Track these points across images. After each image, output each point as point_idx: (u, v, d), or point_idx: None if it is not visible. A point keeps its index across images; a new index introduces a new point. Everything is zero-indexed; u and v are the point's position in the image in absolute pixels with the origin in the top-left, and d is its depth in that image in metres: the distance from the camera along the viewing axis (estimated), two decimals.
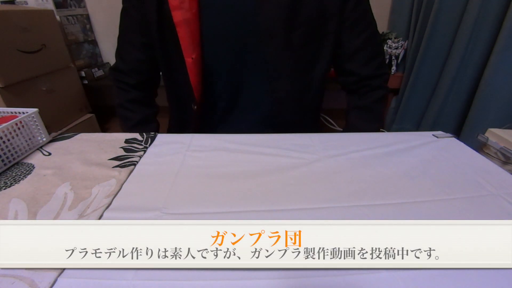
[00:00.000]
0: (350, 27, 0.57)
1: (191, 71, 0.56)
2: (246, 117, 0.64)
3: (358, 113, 0.66)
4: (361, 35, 0.58)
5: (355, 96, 0.65)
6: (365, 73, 0.61)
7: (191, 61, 0.55)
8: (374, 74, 0.62)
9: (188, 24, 0.53)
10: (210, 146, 0.49)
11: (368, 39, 0.59)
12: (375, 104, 0.64)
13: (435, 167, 0.43)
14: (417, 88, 1.45)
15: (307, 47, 0.57)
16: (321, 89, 0.66)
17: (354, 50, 0.59)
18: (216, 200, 0.36)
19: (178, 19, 0.52)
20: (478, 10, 1.13)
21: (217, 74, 0.60)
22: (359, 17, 0.57)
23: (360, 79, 0.62)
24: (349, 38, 0.58)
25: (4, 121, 0.43)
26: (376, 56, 0.62)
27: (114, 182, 0.39)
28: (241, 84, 0.61)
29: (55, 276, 0.26)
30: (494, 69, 1.11)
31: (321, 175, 0.41)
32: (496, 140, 0.59)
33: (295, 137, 0.52)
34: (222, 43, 0.57)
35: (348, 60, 0.61)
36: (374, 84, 0.62)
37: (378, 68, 0.62)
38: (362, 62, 0.61)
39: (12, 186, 0.39)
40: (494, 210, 0.34)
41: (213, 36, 0.56)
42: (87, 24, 1.66)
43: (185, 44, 0.54)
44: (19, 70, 1.17)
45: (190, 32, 0.53)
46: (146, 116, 0.67)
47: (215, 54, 0.58)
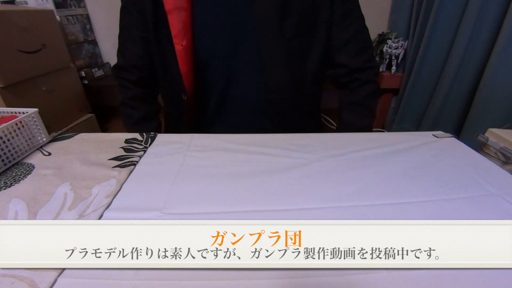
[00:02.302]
0: (339, 20, 0.58)
1: (181, 58, 0.57)
2: (239, 108, 0.64)
3: (351, 108, 0.66)
4: (349, 28, 0.59)
5: (346, 91, 0.66)
6: (355, 65, 0.62)
7: (181, 48, 0.56)
8: (363, 66, 0.63)
9: (179, 11, 0.54)
10: (210, 146, 0.49)
11: (356, 32, 0.60)
12: (367, 99, 0.65)
13: (435, 167, 0.43)
14: (417, 88, 1.45)
15: (300, 37, 0.58)
16: (316, 82, 0.66)
17: (343, 42, 0.60)
18: (216, 200, 0.36)
19: (170, 7, 0.53)
20: (478, 10, 1.13)
21: (209, 63, 0.60)
22: (347, 10, 0.58)
23: (350, 71, 0.63)
24: (338, 30, 0.59)
25: (4, 121, 0.43)
26: (366, 49, 0.63)
27: (114, 182, 0.39)
28: (234, 74, 0.61)
29: (55, 276, 0.26)
30: (494, 69, 1.11)
31: (321, 175, 0.41)
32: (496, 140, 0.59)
33: (295, 137, 0.52)
34: (214, 32, 0.57)
35: (338, 52, 0.62)
36: (364, 78, 0.63)
37: (367, 61, 0.63)
38: (352, 54, 0.62)
39: (12, 186, 0.39)
40: (494, 210, 0.34)
41: (205, 25, 0.57)
42: (87, 24, 1.66)
43: (175, 30, 0.55)
44: (19, 70, 1.17)
45: (181, 19, 0.54)
46: (148, 113, 0.68)
47: (207, 43, 0.58)
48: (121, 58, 0.66)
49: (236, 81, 0.61)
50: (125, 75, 0.65)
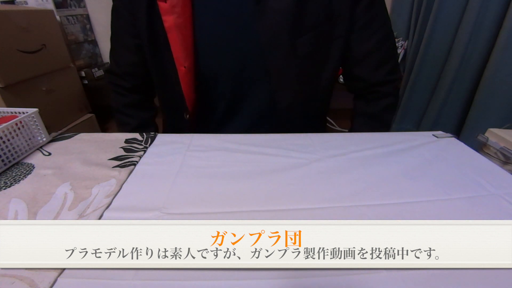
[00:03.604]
0: (361, 29, 0.52)
1: (184, 80, 0.53)
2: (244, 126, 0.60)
3: (365, 120, 0.61)
4: (372, 38, 0.53)
5: (362, 101, 0.61)
6: (375, 80, 0.57)
7: (184, 70, 0.52)
8: (384, 80, 0.57)
9: (180, 30, 0.49)
10: (210, 146, 0.49)
11: (380, 41, 0.54)
12: (383, 112, 0.60)
13: (435, 167, 0.43)
14: (417, 88, 1.46)
15: (314, 54, 0.53)
16: (328, 97, 0.62)
17: (364, 54, 0.55)
18: (216, 200, 0.36)
19: (169, 24, 0.49)
20: (478, 10, 1.13)
21: (213, 84, 0.56)
22: (372, 18, 0.52)
23: (369, 85, 0.58)
24: (359, 41, 0.53)
25: (4, 121, 0.43)
26: (388, 61, 0.56)
27: (114, 182, 0.39)
28: (239, 94, 0.57)
29: (55, 276, 0.26)
30: (494, 69, 1.12)
31: (321, 175, 0.41)
32: (496, 140, 0.59)
33: (295, 137, 0.52)
34: (217, 52, 0.53)
35: (357, 65, 0.56)
36: (384, 90, 0.58)
37: (389, 74, 0.57)
38: (372, 67, 0.56)
39: (12, 186, 0.39)
40: (494, 210, 0.34)
41: (207, 44, 0.52)
42: (87, 24, 1.66)
43: (177, 52, 0.51)
44: (19, 70, 1.17)
45: (183, 38, 0.50)
46: (144, 120, 0.65)
47: (210, 64, 0.54)
48: (114, 64, 0.62)
49: (241, 100, 0.57)
50: (119, 81, 0.62)
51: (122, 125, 0.65)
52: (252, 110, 0.59)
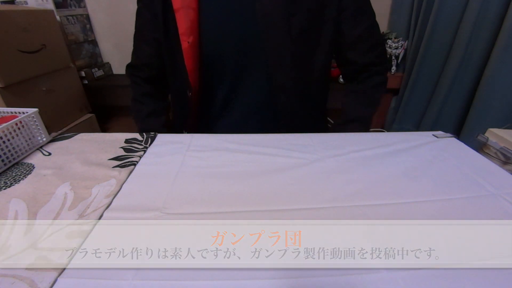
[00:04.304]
0: (350, 17, 0.58)
1: (187, 55, 0.58)
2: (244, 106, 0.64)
3: (354, 95, 0.66)
4: (361, 25, 0.59)
5: (354, 82, 0.67)
6: (367, 61, 0.63)
7: (188, 45, 0.57)
8: (375, 61, 0.63)
9: (186, 9, 0.56)
10: (210, 146, 0.49)
11: (368, 28, 0.60)
12: (372, 89, 0.65)
13: (435, 167, 0.43)
14: (417, 88, 1.46)
15: (307, 34, 0.58)
16: (323, 81, 0.66)
17: (354, 39, 0.60)
18: (216, 200, 0.36)
19: (177, 6, 0.55)
20: (478, 10, 1.13)
21: (215, 61, 0.60)
22: (359, 7, 0.58)
23: (361, 67, 0.63)
24: (349, 27, 0.59)
25: (4, 121, 0.43)
26: (377, 46, 0.63)
27: (114, 182, 0.39)
28: (240, 72, 0.61)
29: (55, 276, 0.26)
30: (494, 69, 1.12)
31: (321, 175, 0.41)
32: (496, 140, 0.59)
33: (295, 137, 0.52)
34: (221, 30, 0.58)
35: (349, 49, 0.62)
36: (374, 70, 0.64)
37: (378, 56, 0.63)
38: (363, 51, 0.62)
39: (12, 186, 0.39)
40: (494, 210, 0.34)
41: (212, 23, 0.58)
42: (87, 24, 1.66)
43: (182, 28, 0.56)
44: (19, 70, 1.17)
45: (188, 17, 0.56)
46: (156, 108, 0.70)
47: (214, 41, 0.59)
48: (134, 57, 0.69)
49: (242, 79, 0.62)
50: (137, 72, 0.69)
51: (136, 111, 0.70)
52: (252, 88, 0.63)
